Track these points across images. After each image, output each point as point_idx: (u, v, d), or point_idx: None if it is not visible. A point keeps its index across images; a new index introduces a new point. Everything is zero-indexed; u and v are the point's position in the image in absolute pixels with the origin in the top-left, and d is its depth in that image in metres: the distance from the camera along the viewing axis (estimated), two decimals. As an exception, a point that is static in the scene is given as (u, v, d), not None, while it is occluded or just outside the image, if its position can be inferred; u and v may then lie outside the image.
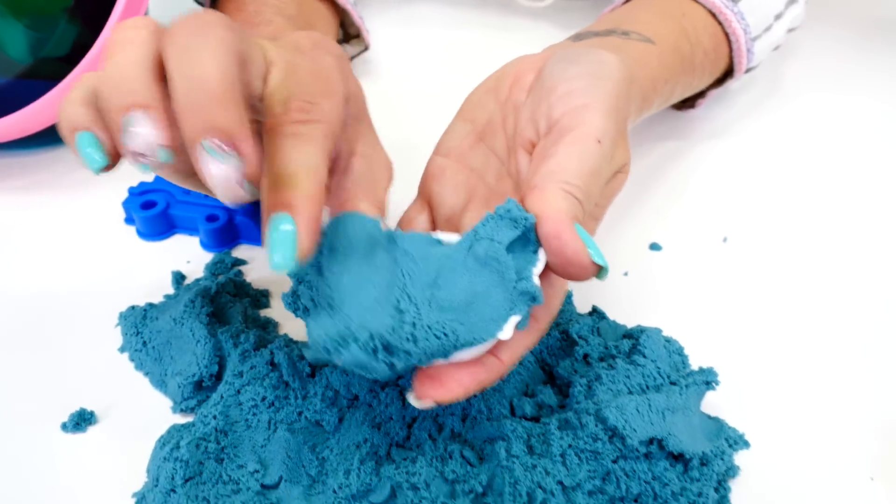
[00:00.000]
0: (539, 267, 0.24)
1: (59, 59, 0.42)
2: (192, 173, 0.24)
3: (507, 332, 0.23)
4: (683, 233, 0.39)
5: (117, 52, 0.22)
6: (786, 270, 0.37)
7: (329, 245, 0.24)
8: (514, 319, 0.23)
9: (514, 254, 0.24)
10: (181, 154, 0.22)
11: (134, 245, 0.38)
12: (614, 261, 0.33)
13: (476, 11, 0.58)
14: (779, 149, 0.46)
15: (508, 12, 0.58)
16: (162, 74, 0.22)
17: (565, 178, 0.25)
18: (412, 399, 0.25)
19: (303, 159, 0.23)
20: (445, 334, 0.23)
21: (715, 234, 0.39)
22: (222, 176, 0.21)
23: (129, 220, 0.39)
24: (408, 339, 0.22)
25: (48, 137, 0.42)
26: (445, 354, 0.23)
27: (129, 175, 0.39)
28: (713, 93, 0.45)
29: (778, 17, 0.44)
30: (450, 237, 0.26)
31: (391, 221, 0.29)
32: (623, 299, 0.35)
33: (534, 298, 0.23)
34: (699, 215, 0.40)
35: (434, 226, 0.30)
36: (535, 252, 0.24)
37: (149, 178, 0.39)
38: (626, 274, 0.37)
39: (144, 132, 0.21)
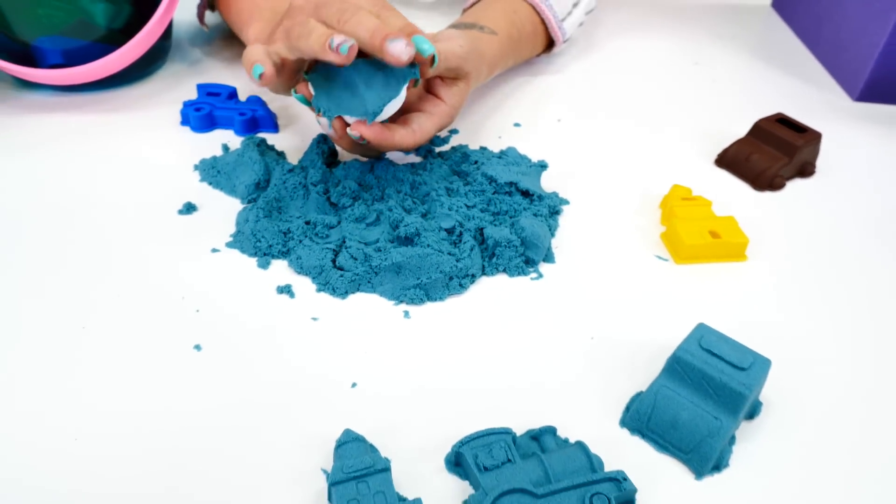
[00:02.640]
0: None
1: (118, 30, 0.63)
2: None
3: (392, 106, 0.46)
4: (532, 116, 0.64)
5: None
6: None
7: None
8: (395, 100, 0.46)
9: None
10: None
11: (190, 136, 0.60)
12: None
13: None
14: (587, 77, 0.72)
15: (403, 4, 0.83)
16: None
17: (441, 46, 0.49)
18: (348, 131, 0.47)
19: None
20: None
21: (553, 116, 0.64)
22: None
23: (184, 122, 0.61)
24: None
25: (121, 79, 0.63)
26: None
27: (177, 98, 0.61)
28: (546, 56, 0.71)
29: (574, 4, 0.71)
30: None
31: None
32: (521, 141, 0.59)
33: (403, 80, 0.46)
34: (538, 104, 0.66)
35: None
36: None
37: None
38: (500, 137, 0.61)
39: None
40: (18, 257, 0.46)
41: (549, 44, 0.71)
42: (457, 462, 0.35)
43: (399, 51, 0.43)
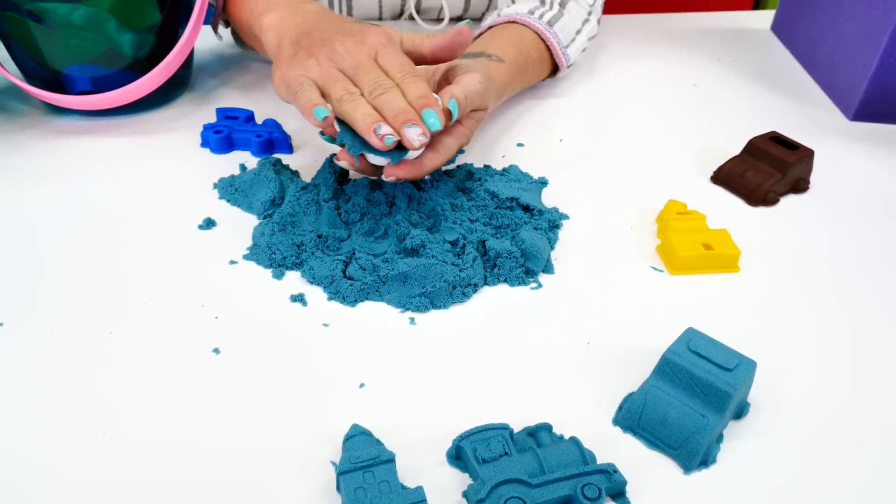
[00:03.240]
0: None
1: (143, 59, 0.67)
2: None
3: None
4: (536, 137, 0.67)
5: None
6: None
7: None
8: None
9: None
10: None
11: (209, 157, 0.63)
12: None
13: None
14: (589, 100, 0.75)
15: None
16: None
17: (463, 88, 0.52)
18: (384, 177, 0.50)
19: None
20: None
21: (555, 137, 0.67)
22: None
23: (203, 144, 0.64)
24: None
25: (146, 105, 0.67)
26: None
27: (198, 122, 0.65)
28: (551, 80, 0.74)
29: (578, 31, 0.74)
30: None
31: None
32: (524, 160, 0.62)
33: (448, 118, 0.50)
34: (543, 126, 0.69)
35: None
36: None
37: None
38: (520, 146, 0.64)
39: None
40: (51, 269, 0.49)
41: (554, 69, 0.74)
42: (457, 455, 0.38)
43: (413, 138, 0.47)
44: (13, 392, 0.41)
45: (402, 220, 0.51)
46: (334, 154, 0.56)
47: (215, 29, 0.74)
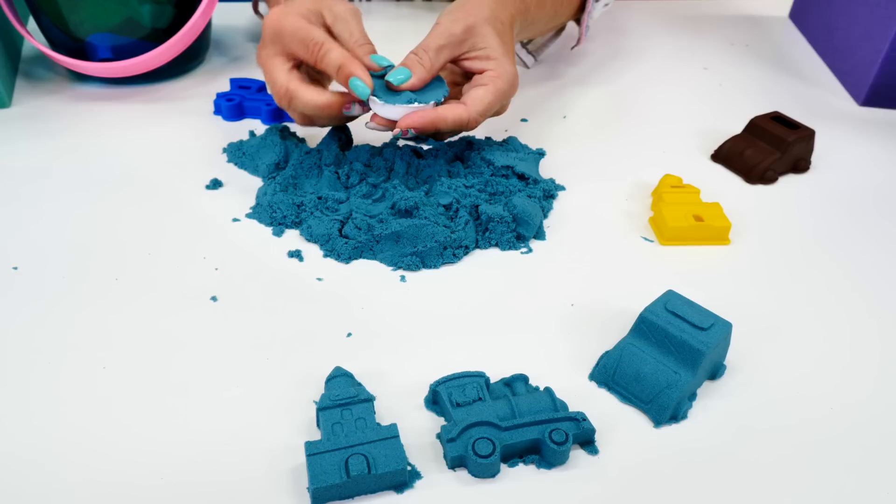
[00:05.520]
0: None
1: (162, 30, 0.70)
2: None
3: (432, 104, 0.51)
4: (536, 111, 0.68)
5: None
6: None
7: None
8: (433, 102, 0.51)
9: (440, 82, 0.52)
10: None
11: (221, 124, 0.65)
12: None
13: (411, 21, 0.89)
14: (596, 79, 0.76)
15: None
16: None
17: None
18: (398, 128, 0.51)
19: None
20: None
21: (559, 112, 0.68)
22: None
23: (216, 112, 0.66)
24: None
25: (163, 74, 0.70)
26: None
27: (212, 91, 0.67)
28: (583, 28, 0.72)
29: None
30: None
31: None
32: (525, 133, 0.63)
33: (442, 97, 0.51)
34: (548, 103, 0.70)
35: None
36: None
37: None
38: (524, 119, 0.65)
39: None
40: (67, 221, 0.52)
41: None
42: (434, 400, 0.39)
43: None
44: (24, 328, 0.43)
45: (399, 184, 0.53)
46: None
47: (256, 8, 0.76)
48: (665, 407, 0.39)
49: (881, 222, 0.56)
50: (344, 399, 0.37)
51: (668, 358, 0.40)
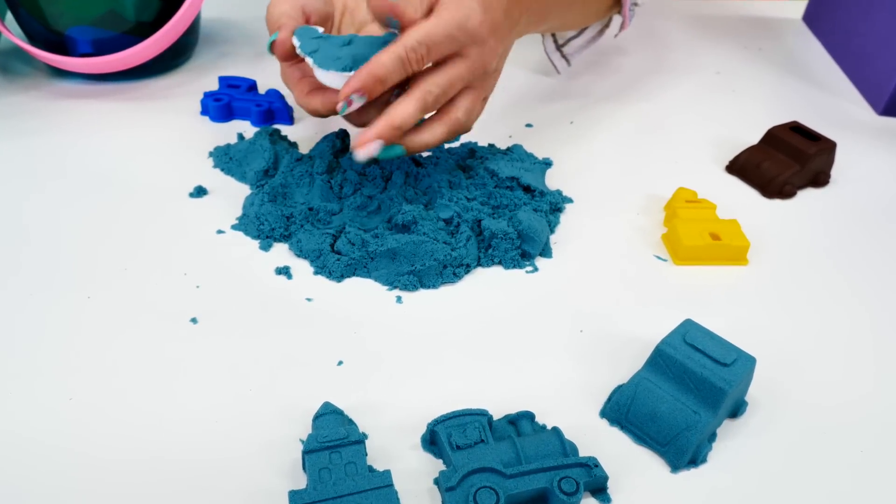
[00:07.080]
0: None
1: (147, 24, 0.66)
2: None
3: None
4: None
5: None
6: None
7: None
8: None
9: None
10: None
11: (208, 125, 0.62)
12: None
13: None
14: (606, 83, 0.72)
15: None
16: None
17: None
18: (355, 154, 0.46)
19: None
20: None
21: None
22: None
23: (203, 112, 0.63)
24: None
25: (148, 71, 0.66)
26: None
27: (200, 90, 0.63)
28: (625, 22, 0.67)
29: None
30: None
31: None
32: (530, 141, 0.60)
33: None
34: (554, 107, 0.66)
35: None
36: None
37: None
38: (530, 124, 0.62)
39: None
40: (38, 230, 0.48)
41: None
42: (432, 440, 0.36)
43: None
44: (-16, 352, 0.40)
45: (396, 195, 0.49)
46: (342, 130, 0.54)
47: None
48: (683, 451, 0.36)
49: (907, 243, 0.52)
50: (333, 441, 0.33)
51: (687, 396, 0.37)
